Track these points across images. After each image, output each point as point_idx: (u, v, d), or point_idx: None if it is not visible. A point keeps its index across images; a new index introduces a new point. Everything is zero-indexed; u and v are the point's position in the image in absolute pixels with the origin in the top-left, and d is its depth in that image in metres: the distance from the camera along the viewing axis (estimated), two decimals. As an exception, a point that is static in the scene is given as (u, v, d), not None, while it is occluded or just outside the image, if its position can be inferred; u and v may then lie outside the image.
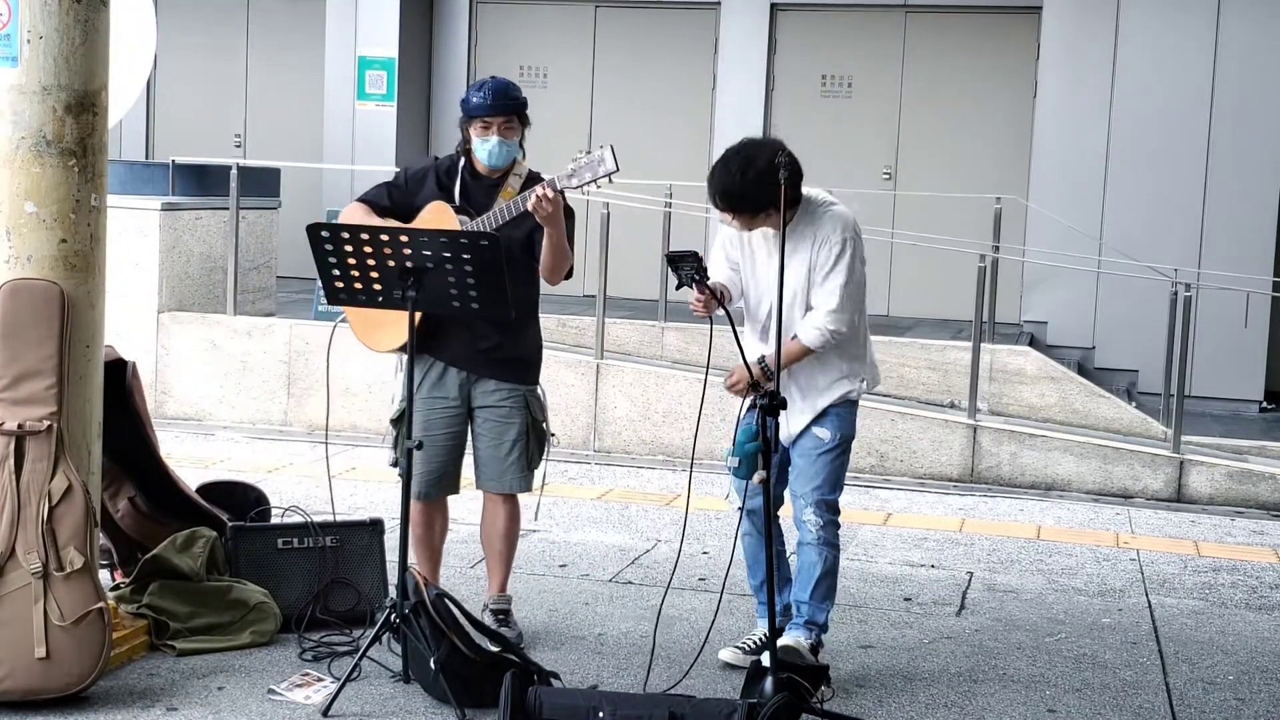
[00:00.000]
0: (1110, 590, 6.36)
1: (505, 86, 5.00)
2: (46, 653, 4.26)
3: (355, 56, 12.96)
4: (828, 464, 4.82)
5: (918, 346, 9.55)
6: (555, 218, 4.78)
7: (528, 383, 5.10)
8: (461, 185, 5.03)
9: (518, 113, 4.99)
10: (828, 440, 4.81)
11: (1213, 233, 11.39)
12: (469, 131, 5.01)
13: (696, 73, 12.87)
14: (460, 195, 5.01)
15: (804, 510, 4.81)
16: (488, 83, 5.03)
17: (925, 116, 12.50)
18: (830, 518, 4.83)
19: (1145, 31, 11.46)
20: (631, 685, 4.74)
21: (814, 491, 4.79)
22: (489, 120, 4.95)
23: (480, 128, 4.97)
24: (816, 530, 4.80)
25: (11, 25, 4.42)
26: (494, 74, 5.55)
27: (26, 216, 4.44)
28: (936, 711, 4.67)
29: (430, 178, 5.08)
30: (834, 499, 4.85)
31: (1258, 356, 11.27)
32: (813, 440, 4.82)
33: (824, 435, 4.81)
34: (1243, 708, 4.88)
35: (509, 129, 4.97)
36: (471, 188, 5.03)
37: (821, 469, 4.81)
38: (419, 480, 5.00)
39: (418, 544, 5.17)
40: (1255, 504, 8.44)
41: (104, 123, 4.60)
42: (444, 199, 5.00)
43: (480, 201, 4.96)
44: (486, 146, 4.97)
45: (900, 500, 8.22)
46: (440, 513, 5.21)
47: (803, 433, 4.82)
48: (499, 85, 5.00)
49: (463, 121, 5.04)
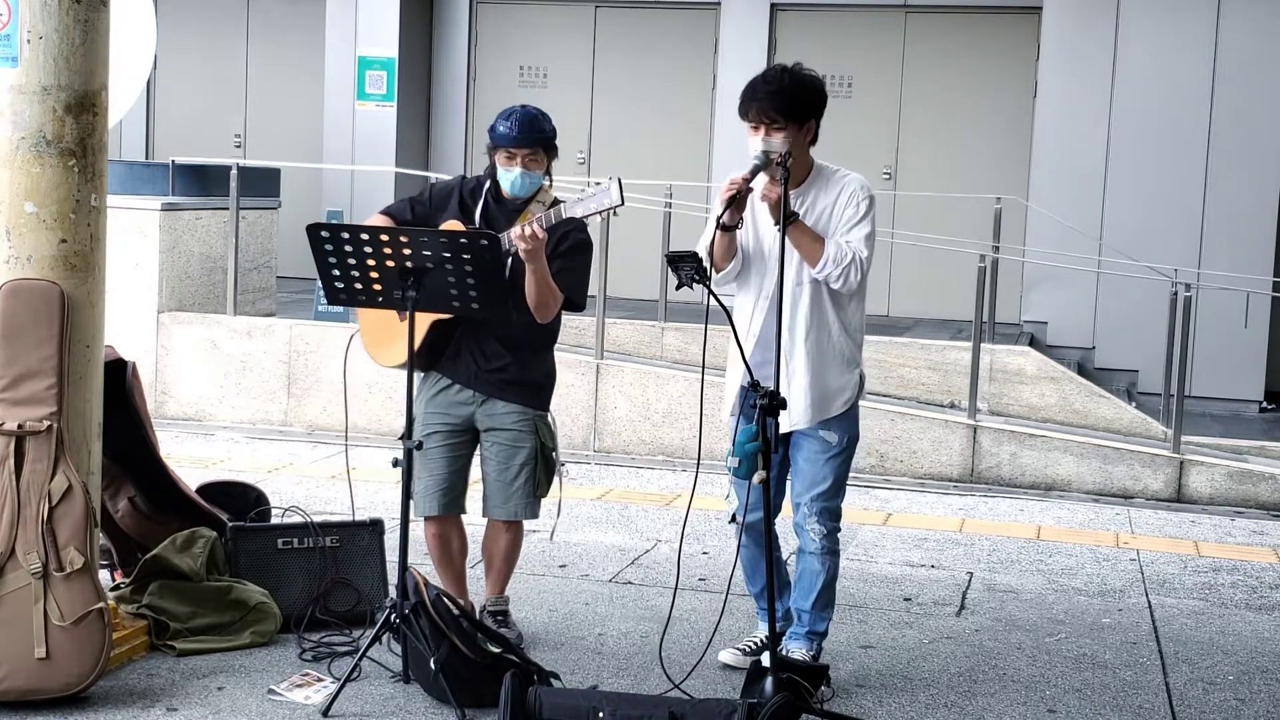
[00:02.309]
0: (1110, 590, 6.36)
1: (533, 119, 4.94)
2: (46, 653, 4.26)
3: (355, 56, 12.96)
4: (834, 468, 4.76)
5: (918, 346, 9.55)
6: (534, 254, 4.69)
7: (537, 407, 5.05)
8: (484, 207, 5.01)
9: (543, 145, 4.95)
10: (835, 444, 4.75)
11: (1213, 233, 11.39)
12: (494, 158, 5.00)
13: (696, 73, 12.87)
14: (481, 217, 4.98)
15: (807, 519, 4.75)
16: (516, 112, 4.97)
17: (925, 116, 12.50)
18: (833, 525, 4.78)
19: (1145, 31, 11.46)
20: (631, 685, 4.74)
21: (818, 499, 4.73)
22: (513, 151, 4.92)
23: (504, 157, 4.94)
24: (820, 539, 4.75)
25: (11, 25, 4.42)
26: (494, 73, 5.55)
27: (26, 216, 4.44)
28: (936, 711, 4.67)
29: (455, 197, 5.06)
30: (836, 505, 4.79)
31: (1258, 356, 11.27)
32: (819, 443, 4.74)
33: (831, 438, 4.75)
34: (1243, 708, 4.88)
35: (533, 161, 4.93)
36: (494, 211, 5.00)
37: (828, 473, 4.74)
38: (421, 493, 4.99)
39: (439, 567, 5.16)
40: (1255, 504, 8.44)
41: (104, 123, 4.60)
42: (464, 219, 4.98)
43: (500, 226, 4.91)
44: (510, 177, 4.95)
45: (900, 500, 8.23)
46: (456, 532, 5.15)
47: (809, 433, 4.74)
48: (526, 117, 4.94)
49: (489, 147, 5.02)
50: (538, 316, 4.89)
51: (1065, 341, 11.55)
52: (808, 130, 4.68)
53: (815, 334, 4.70)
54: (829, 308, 4.71)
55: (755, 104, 4.62)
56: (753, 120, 4.63)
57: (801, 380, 4.69)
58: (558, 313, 4.96)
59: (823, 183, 4.74)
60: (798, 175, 4.71)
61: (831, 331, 4.71)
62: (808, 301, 4.68)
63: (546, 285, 4.81)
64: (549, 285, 4.82)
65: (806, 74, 4.69)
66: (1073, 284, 11.42)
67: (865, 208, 4.70)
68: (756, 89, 4.64)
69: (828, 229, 4.68)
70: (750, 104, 4.63)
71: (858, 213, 4.69)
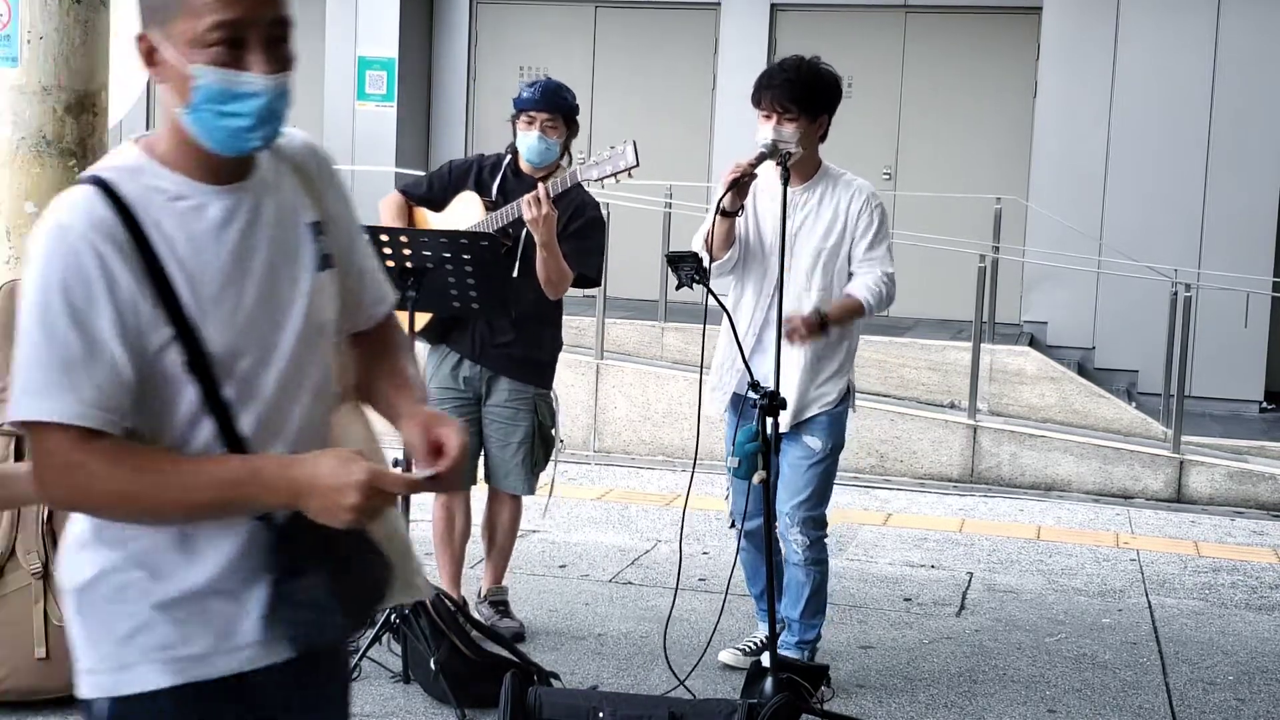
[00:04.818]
0: (1110, 590, 6.36)
1: (557, 87, 5.05)
2: (46, 653, 4.26)
3: (355, 56, 12.96)
4: (816, 476, 4.70)
5: (918, 347, 9.55)
6: (545, 229, 4.72)
7: (539, 385, 5.09)
8: (501, 181, 5.05)
9: (563, 113, 5.01)
10: (818, 450, 4.69)
11: (1212, 233, 11.39)
12: (516, 125, 5.05)
13: (696, 73, 12.87)
14: (498, 191, 5.03)
15: (789, 528, 4.69)
16: (540, 80, 5.09)
17: (925, 116, 12.50)
18: (817, 535, 4.73)
19: (1145, 31, 11.46)
20: (631, 685, 4.74)
21: (800, 507, 4.67)
22: (533, 115, 4.98)
23: (525, 121, 5.01)
24: (802, 550, 4.70)
25: (11, 25, 4.42)
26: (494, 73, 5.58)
27: (26, 216, 4.44)
28: (936, 711, 4.67)
29: (473, 173, 5.12)
30: (820, 514, 4.74)
31: (1258, 356, 11.27)
32: (802, 449, 4.69)
33: (815, 444, 4.69)
34: (1243, 708, 4.88)
35: (551, 127, 4.99)
36: (511, 185, 5.03)
37: (809, 481, 4.68)
38: None
39: (439, 545, 5.17)
40: (1255, 504, 8.44)
41: (104, 123, 4.60)
42: (481, 194, 5.03)
43: (515, 199, 4.92)
44: (527, 140, 5.00)
45: (900, 500, 8.22)
46: (462, 510, 5.17)
47: (793, 438, 4.68)
48: (550, 84, 5.06)
49: (512, 116, 5.08)
50: (549, 293, 4.95)
51: (1065, 341, 11.54)
52: (819, 125, 4.64)
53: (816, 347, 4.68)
54: None
55: (770, 91, 4.57)
56: (765, 108, 4.58)
57: (794, 381, 4.64)
58: None
59: (829, 183, 4.71)
60: (805, 171, 4.68)
61: (833, 336, 4.68)
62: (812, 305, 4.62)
63: (556, 263, 4.84)
64: (559, 263, 4.85)
65: (824, 68, 4.66)
66: (1072, 284, 11.41)
67: (880, 222, 4.67)
68: (773, 76, 4.60)
69: (834, 230, 4.65)
70: (764, 91, 4.58)
71: (875, 229, 4.66)
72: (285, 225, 2.04)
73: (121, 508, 1.92)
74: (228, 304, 1.95)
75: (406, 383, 2.22)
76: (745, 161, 4.50)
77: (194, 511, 1.93)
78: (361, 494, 1.88)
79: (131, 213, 1.91)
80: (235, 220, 1.97)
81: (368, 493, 1.88)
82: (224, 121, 1.92)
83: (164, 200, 1.94)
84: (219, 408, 1.94)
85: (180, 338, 1.91)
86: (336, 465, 1.90)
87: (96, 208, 1.91)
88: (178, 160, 1.97)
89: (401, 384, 2.22)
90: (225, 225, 1.97)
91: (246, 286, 1.97)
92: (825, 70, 4.66)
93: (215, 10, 1.88)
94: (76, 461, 1.87)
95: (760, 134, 4.57)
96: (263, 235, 2.00)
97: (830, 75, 4.67)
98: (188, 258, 1.93)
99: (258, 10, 1.92)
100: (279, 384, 2.01)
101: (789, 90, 4.54)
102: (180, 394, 1.93)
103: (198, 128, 1.93)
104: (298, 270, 2.04)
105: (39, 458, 1.91)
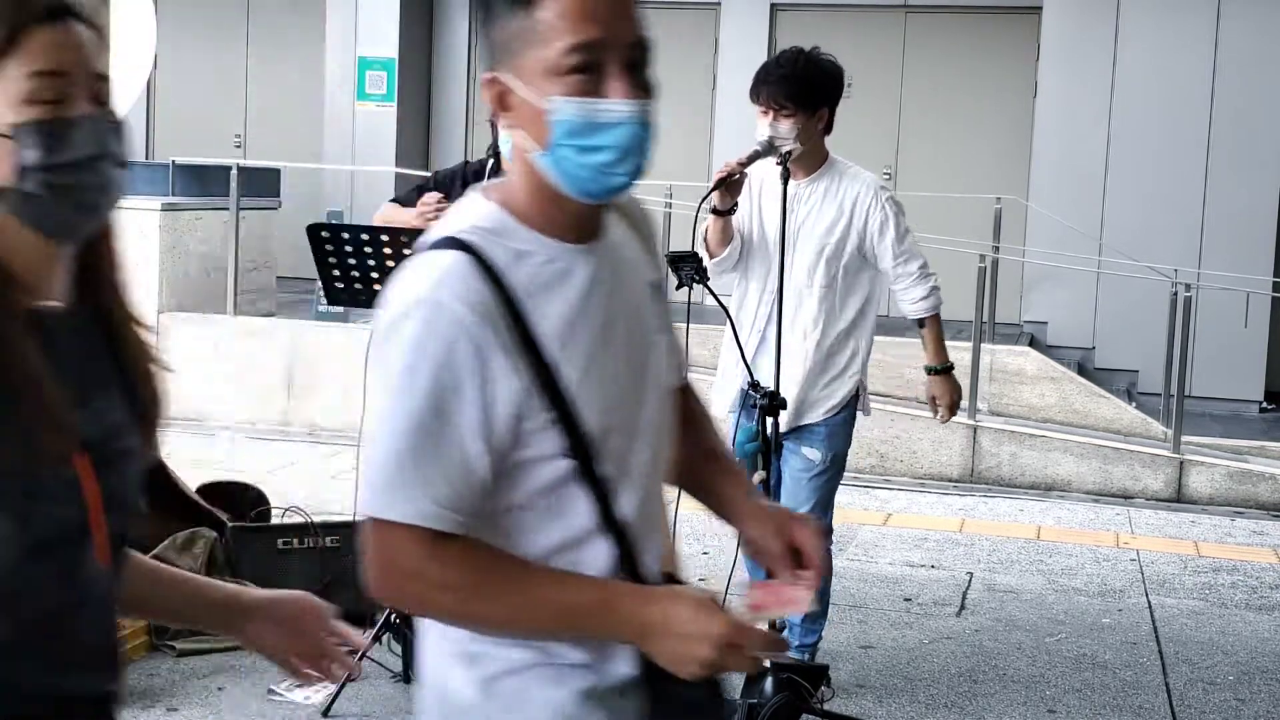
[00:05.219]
0: (1110, 590, 6.36)
1: None
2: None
3: (355, 56, 12.96)
4: (817, 488, 4.63)
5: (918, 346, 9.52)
6: None
7: None
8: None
9: None
10: (817, 462, 4.62)
11: (1213, 233, 11.39)
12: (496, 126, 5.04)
13: (696, 73, 12.88)
14: None
15: None
16: None
17: (925, 116, 12.50)
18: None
19: (1145, 31, 11.46)
20: (631, 685, 4.73)
21: None
22: None
23: None
24: None
25: (11, 25, 4.42)
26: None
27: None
28: (936, 711, 4.67)
29: (458, 179, 5.10)
30: (825, 524, 4.66)
31: (1258, 356, 11.26)
32: (802, 461, 4.61)
33: (814, 456, 4.61)
34: (1243, 708, 4.88)
35: None
36: None
37: (811, 494, 4.61)
38: None
39: None
40: (1255, 504, 8.43)
41: (104, 123, 4.59)
42: None
43: None
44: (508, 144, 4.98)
45: (900, 500, 8.23)
46: None
47: (793, 447, 4.60)
48: None
49: (490, 116, 5.06)
50: None
51: (1065, 341, 11.54)
52: (819, 118, 4.57)
53: (819, 335, 4.63)
54: (838, 310, 4.64)
55: (766, 87, 4.51)
56: (762, 104, 4.52)
57: (797, 379, 4.60)
58: None
59: (835, 176, 4.66)
60: (811, 164, 4.62)
61: (836, 334, 4.65)
62: (815, 303, 4.60)
63: None
64: None
65: (823, 59, 4.60)
66: (1073, 284, 11.41)
67: (896, 214, 4.63)
68: (769, 71, 4.54)
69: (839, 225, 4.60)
70: (761, 87, 4.53)
71: (895, 223, 4.61)
72: (635, 287, 1.87)
73: (458, 622, 1.85)
74: (595, 377, 1.77)
75: (729, 467, 2.07)
76: (735, 160, 4.47)
77: (532, 635, 1.81)
78: (717, 650, 1.72)
79: (505, 286, 1.72)
80: (600, 285, 1.79)
81: (723, 649, 1.72)
82: (586, 158, 1.73)
83: (533, 267, 1.75)
84: (597, 487, 1.78)
85: (561, 421, 1.74)
86: (695, 613, 1.73)
87: (471, 282, 1.71)
88: (536, 217, 1.79)
89: (725, 469, 2.07)
90: (591, 292, 1.78)
91: (613, 357, 1.80)
92: (824, 61, 4.60)
93: (570, 33, 1.72)
94: (421, 569, 1.75)
95: (759, 130, 4.54)
96: (620, 299, 1.83)
97: (830, 66, 4.61)
98: (561, 331, 1.75)
99: (615, 31, 1.73)
100: (649, 462, 1.86)
101: (783, 86, 4.50)
102: (556, 476, 1.76)
103: (557, 170, 1.76)
104: (648, 336, 1.88)
105: (379, 557, 1.76)
